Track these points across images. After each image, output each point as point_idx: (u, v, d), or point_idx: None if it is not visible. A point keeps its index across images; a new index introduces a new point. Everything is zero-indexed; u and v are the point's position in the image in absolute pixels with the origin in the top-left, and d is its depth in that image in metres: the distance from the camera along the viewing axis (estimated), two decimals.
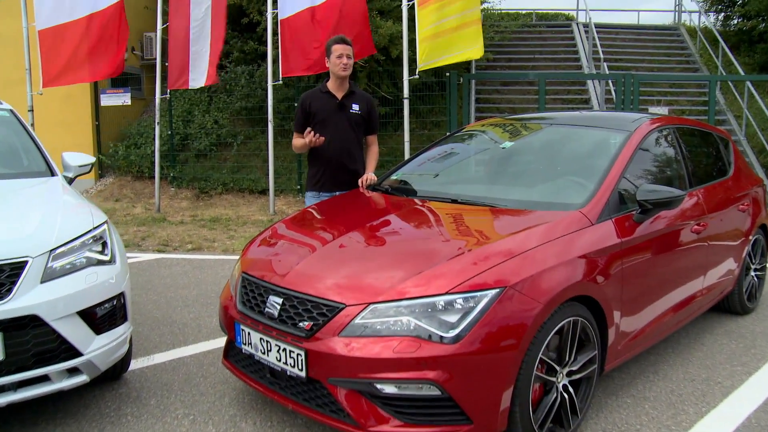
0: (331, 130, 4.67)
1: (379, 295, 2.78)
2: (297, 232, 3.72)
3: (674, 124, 4.54)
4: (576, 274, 3.02)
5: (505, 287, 2.75)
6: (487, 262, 2.86)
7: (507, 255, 2.90)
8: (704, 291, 4.33)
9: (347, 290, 2.87)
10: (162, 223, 10.06)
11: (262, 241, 3.72)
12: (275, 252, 3.50)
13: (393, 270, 2.94)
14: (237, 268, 3.56)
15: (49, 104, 12.64)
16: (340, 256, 3.19)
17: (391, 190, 4.15)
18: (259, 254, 3.54)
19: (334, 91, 4.74)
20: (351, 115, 4.73)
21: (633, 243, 3.43)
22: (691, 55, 15.92)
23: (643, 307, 3.59)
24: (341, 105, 4.72)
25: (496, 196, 3.73)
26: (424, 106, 12.76)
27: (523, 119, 4.91)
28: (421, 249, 3.15)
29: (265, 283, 3.18)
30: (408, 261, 3.00)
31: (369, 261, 3.11)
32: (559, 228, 3.17)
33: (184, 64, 10.87)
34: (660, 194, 3.44)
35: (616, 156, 3.69)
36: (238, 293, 3.36)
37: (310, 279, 3.02)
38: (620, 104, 10.97)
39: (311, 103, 4.70)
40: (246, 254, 3.62)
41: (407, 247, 3.26)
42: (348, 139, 4.72)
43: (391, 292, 2.78)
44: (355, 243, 3.33)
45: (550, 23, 18.15)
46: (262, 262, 3.42)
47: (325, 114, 4.68)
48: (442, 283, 2.76)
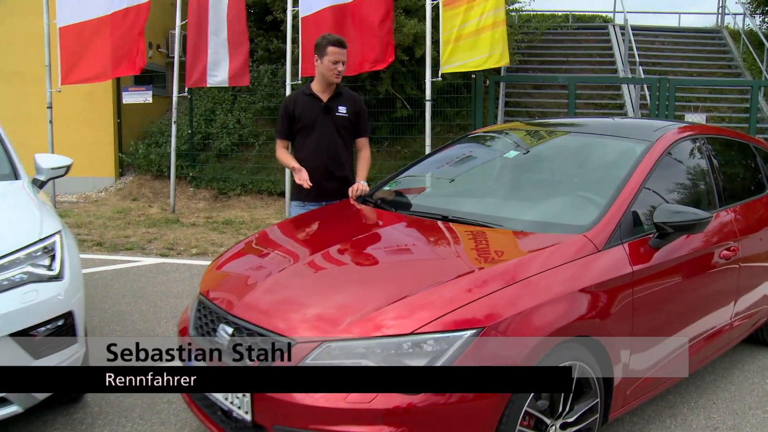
0: (316, 136, 4.29)
1: (335, 330, 2.38)
2: (267, 248, 3.33)
3: (705, 134, 4.04)
4: (574, 311, 2.57)
5: (483, 327, 2.32)
6: (465, 296, 2.43)
7: (490, 288, 2.47)
8: (734, 324, 3.82)
9: (301, 323, 2.48)
10: (173, 225, 9.80)
11: (231, 256, 3.34)
12: (238, 271, 3.12)
13: (358, 300, 2.54)
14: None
15: (72, 101, 12.53)
16: (305, 281, 2.79)
17: (380, 203, 3.73)
18: (221, 273, 3.17)
19: (319, 94, 4.35)
20: (338, 119, 4.34)
21: (648, 273, 2.96)
22: (733, 60, 15.15)
23: (658, 344, 3.11)
24: (327, 108, 4.33)
25: (491, 213, 3.27)
26: (451, 109, 12.30)
27: (536, 126, 4.45)
28: (393, 276, 2.74)
29: (217, 308, 2.80)
30: (376, 290, 2.59)
31: (334, 288, 2.72)
32: (556, 256, 2.72)
33: (203, 62, 10.60)
34: (681, 216, 2.96)
35: (633, 170, 3.21)
36: (193, 317, 2.98)
37: (264, 307, 2.64)
38: (655, 110, 10.37)
39: (295, 106, 4.33)
40: (209, 272, 3.24)
41: (378, 273, 2.85)
42: (335, 145, 4.33)
43: (350, 327, 2.38)
44: (325, 265, 2.93)
45: (586, 25, 17.51)
46: (221, 282, 3.04)
47: (309, 118, 4.30)
48: (409, 321, 2.34)
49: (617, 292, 2.77)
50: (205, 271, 3.31)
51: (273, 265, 3.01)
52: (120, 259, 7.46)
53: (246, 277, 2.98)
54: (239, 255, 3.32)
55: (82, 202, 12.34)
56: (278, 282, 2.78)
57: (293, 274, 2.84)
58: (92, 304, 5.57)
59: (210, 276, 3.16)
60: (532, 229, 3.01)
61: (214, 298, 2.88)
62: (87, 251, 7.91)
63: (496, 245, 2.95)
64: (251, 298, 2.70)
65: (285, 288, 2.74)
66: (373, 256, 3.04)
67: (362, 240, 3.18)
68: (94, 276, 6.59)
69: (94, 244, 8.27)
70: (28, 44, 12.40)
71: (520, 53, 14.43)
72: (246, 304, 2.68)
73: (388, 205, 3.64)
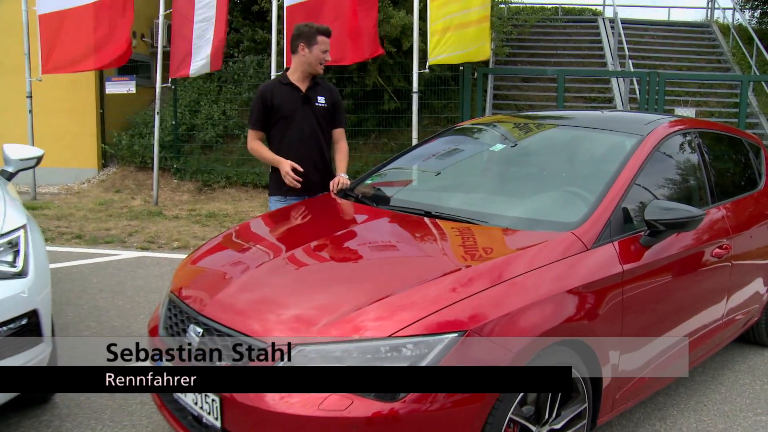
0: (297, 127, 4.14)
1: (309, 332, 2.24)
2: (243, 244, 3.19)
3: (697, 128, 3.92)
4: (562, 312, 2.45)
5: (465, 330, 2.19)
6: (448, 296, 2.30)
7: (474, 289, 2.34)
8: (726, 323, 3.72)
9: (275, 324, 2.34)
10: (156, 218, 9.61)
11: (206, 252, 3.19)
12: (211, 267, 2.98)
13: (335, 299, 2.40)
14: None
15: (54, 91, 12.30)
16: (280, 279, 2.65)
17: (362, 197, 3.58)
18: (195, 269, 3.02)
19: (298, 83, 4.19)
20: (317, 109, 4.20)
21: (639, 272, 2.84)
22: (722, 54, 15.09)
23: (648, 345, 2.99)
24: (306, 98, 4.18)
25: (476, 209, 3.14)
26: (439, 101, 12.16)
27: (524, 118, 4.32)
28: (373, 275, 2.61)
29: (187, 307, 2.65)
30: (355, 289, 2.46)
31: (311, 286, 2.58)
32: (543, 254, 2.59)
33: (187, 52, 10.38)
34: (674, 213, 2.84)
35: (623, 165, 3.09)
36: (163, 316, 2.84)
37: (236, 307, 2.50)
38: (644, 104, 10.28)
39: (273, 96, 4.16)
40: (182, 267, 3.10)
41: (357, 271, 2.71)
42: (316, 136, 4.19)
43: (326, 329, 2.24)
44: (302, 262, 2.79)
45: (575, 18, 17.40)
46: (193, 279, 2.90)
47: (289, 108, 4.14)
48: (389, 323, 2.21)
49: (607, 293, 2.65)
50: (178, 267, 3.16)
51: (248, 261, 2.87)
52: (99, 253, 7.28)
53: (219, 273, 2.85)
54: (214, 250, 3.17)
55: (64, 193, 12.12)
56: (252, 280, 2.64)
57: (268, 271, 2.70)
58: (68, 300, 5.42)
59: (182, 272, 3.02)
60: (519, 226, 2.88)
61: (186, 296, 2.73)
62: (66, 244, 7.73)
63: (481, 243, 2.82)
64: (223, 297, 2.56)
65: (259, 286, 2.60)
66: (353, 253, 2.90)
67: (342, 236, 3.05)
68: (71, 270, 6.42)
69: (74, 237, 8.08)
70: (7, 32, 12.14)
71: (509, 45, 14.30)
72: (217, 303, 2.54)
73: (370, 199, 3.50)
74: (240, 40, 13.23)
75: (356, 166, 11.18)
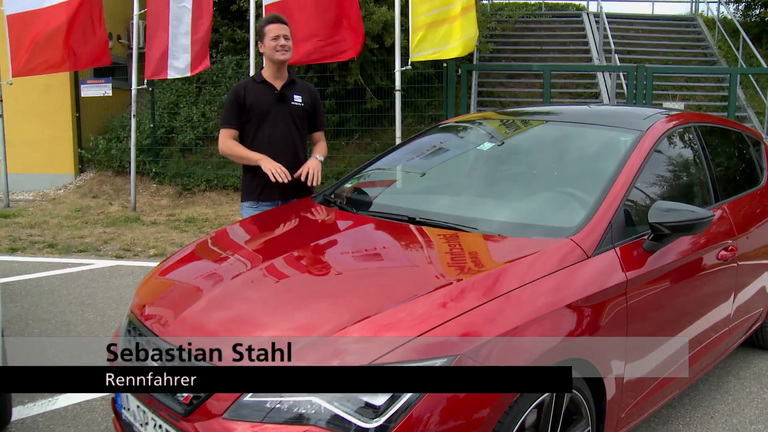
0: (270, 126, 3.88)
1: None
2: (210, 257, 2.92)
3: (697, 122, 3.68)
4: (562, 330, 2.20)
5: (456, 355, 1.93)
6: (435, 316, 2.04)
7: (463, 307, 2.08)
8: (733, 328, 3.49)
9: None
10: (133, 224, 9.30)
11: (172, 265, 2.92)
12: (175, 284, 2.70)
13: (314, 318, 2.14)
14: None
15: (27, 94, 11.98)
16: (248, 295, 2.38)
17: (341, 202, 3.31)
18: (158, 285, 2.74)
19: (272, 81, 3.94)
20: (293, 108, 3.94)
21: (643, 280, 2.59)
22: (708, 48, 14.95)
23: (655, 359, 2.75)
24: (281, 96, 3.92)
25: (464, 213, 2.87)
26: (422, 99, 11.91)
27: (512, 115, 4.07)
28: (353, 290, 2.34)
29: (146, 329, 2.38)
30: (335, 306, 2.20)
31: (279, 305, 2.31)
32: (539, 265, 2.33)
33: (163, 53, 10.05)
34: (680, 215, 2.59)
35: (623, 163, 2.84)
36: (120, 341, 2.56)
37: (199, 329, 2.23)
38: (632, 98, 10.08)
39: (246, 94, 3.89)
40: (145, 283, 2.83)
41: (337, 286, 2.44)
42: (291, 137, 3.93)
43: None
44: (272, 277, 2.52)
45: (559, 12, 17.22)
46: (155, 297, 2.62)
47: (263, 107, 3.88)
48: (371, 346, 1.95)
49: (609, 304, 2.40)
50: (142, 281, 2.89)
51: (213, 276, 2.60)
52: (71, 262, 6.98)
53: (184, 290, 2.57)
54: (181, 263, 2.90)
55: (39, 200, 11.77)
56: (224, 295, 2.37)
57: (233, 289, 2.43)
58: (35, 314, 5.13)
59: (145, 290, 2.74)
60: (511, 232, 2.62)
61: (147, 315, 2.47)
62: (37, 254, 7.42)
63: (471, 253, 2.56)
64: (188, 317, 2.29)
65: (231, 302, 2.33)
66: (333, 265, 2.63)
67: (320, 247, 2.78)
68: (40, 282, 6.12)
69: (46, 246, 7.77)
70: None
71: (493, 42, 14.08)
72: (180, 324, 2.28)
73: (350, 205, 3.23)
74: (219, 41, 12.93)
75: (339, 167, 10.92)
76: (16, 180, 12.06)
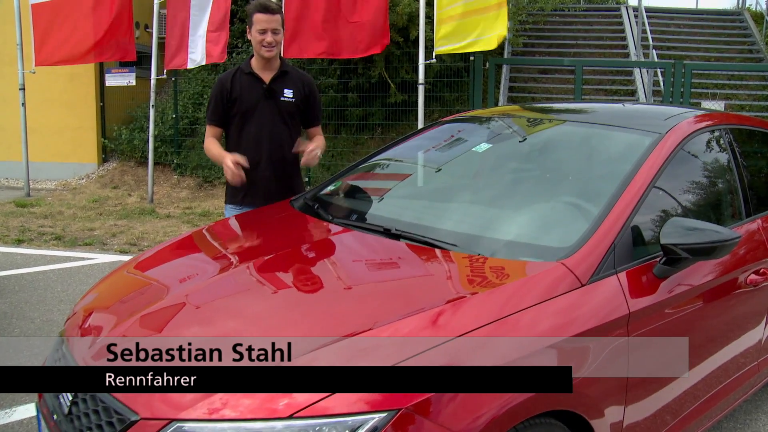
0: (255, 124, 3.53)
1: (192, 405, 1.65)
2: (157, 269, 2.60)
3: (729, 124, 3.24)
4: None
5: (399, 409, 1.58)
6: (375, 356, 1.68)
7: (415, 348, 1.71)
8: (762, 363, 3.06)
9: (141, 397, 1.75)
10: (147, 216, 9.12)
11: (118, 277, 2.62)
12: (111, 299, 2.39)
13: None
14: None
15: (53, 83, 11.94)
16: (180, 320, 2.05)
17: (317, 208, 2.94)
18: (97, 300, 2.44)
19: (260, 72, 3.57)
20: (282, 104, 3.57)
21: (650, 313, 2.20)
22: (754, 44, 14.20)
23: (662, 409, 2.35)
24: (269, 91, 3.56)
25: (446, 227, 2.50)
26: (450, 94, 11.48)
27: (528, 111, 3.67)
28: (283, 322, 1.97)
29: (68, 353, 2.08)
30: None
31: (210, 329, 1.97)
32: (517, 296, 1.95)
33: (182, 42, 9.85)
34: (699, 236, 2.18)
35: (634, 171, 2.43)
36: (49, 359, 2.27)
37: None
38: (669, 97, 9.53)
39: (232, 86, 3.55)
40: (83, 298, 2.53)
41: (273, 316, 2.07)
42: (279, 136, 3.56)
43: (212, 400, 1.65)
44: (207, 299, 2.18)
45: (597, 6, 16.57)
46: (87, 315, 2.31)
47: (248, 102, 3.53)
48: (293, 396, 1.61)
49: (606, 344, 2.01)
50: (83, 297, 2.59)
51: (149, 295, 2.29)
52: (74, 256, 6.79)
53: (114, 310, 2.26)
54: (129, 272, 2.60)
55: (60, 189, 11.70)
56: (142, 323, 2.05)
57: (162, 313, 2.11)
58: (21, 312, 4.91)
59: (83, 305, 2.44)
60: (496, 252, 2.24)
61: (71, 337, 2.16)
62: (42, 246, 7.26)
63: (438, 279, 2.18)
64: (101, 346, 1.97)
65: (152, 327, 2.01)
66: (273, 287, 2.27)
67: (266, 265, 2.41)
68: (36, 277, 5.92)
69: (53, 238, 7.60)
70: (5, 22, 11.71)
71: (526, 35, 13.59)
72: (97, 353, 1.96)
73: (326, 211, 2.87)
74: (245, 30, 12.67)
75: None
76: (42, 168, 12.03)
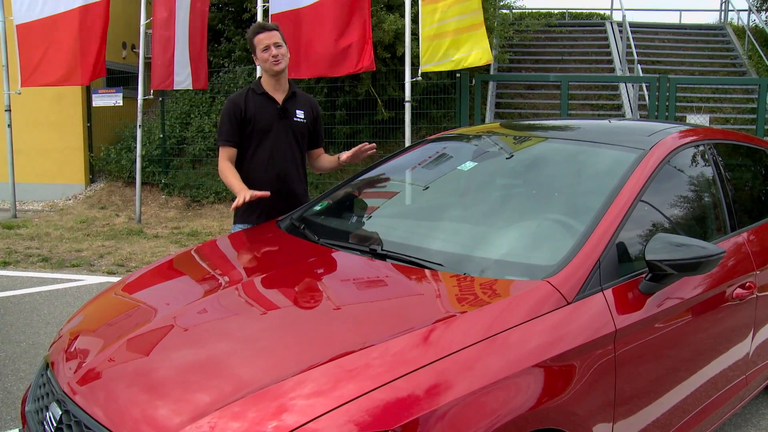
0: (271, 144, 3.58)
1: (177, 428, 1.63)
2: (144, 291, 2.59)
3: (712, 139, 3.27)
4: (529, 396, 1.81)
5: (386, 431, 1.56)
6: (360, 383, 1.67)
7: (400, 369, 1.71)
8: (750, 377, 3.07)
9: (127, 423, 1.72)
10: (135, 237, 9.06)
11: (105, 299, 2.60)
12: (98, 322, 2.37)
13: (197, 390, 1.76)
14: None
15: (39, 103, 11.90)
16: (168, 343, 2.04)
17: (303, 228, 2.93)
18: (83, 322, 2.42)
19: (272, 92, 3.63)
20: (296, 125, 3.65)
21: (636, 330, 2.20)
22: (737, 58, 14.39)
23: (648, 423, 2.35)
24: (284, 111, 3.62)
25: (432, 246, 2.50)
26: (437, 110, 11.54)
27: (511, 129, 3.69)
28: (276, 342, 1.97)
29: (53, 378, 2.06)
30: (236, 368, 1.82)
31: (180, 367, 1.91)
32: (503, 315, 1.95)
33: (169, 63, 9.86)
34: (684, 252, 2.18)
35: (618, 189, 2.45)
36: (33, 383, 2.25)
37: (99, 387, 1.89)
38: (654, 111, 9.62)
39: (246, 106, 3.58)
40: (70, 321, 2.50)
41: (262, 337, 2.04)
42: (291, 156, 3.65)
43: (197, 424, 1.63)
44: (195, 321, 2.16)
45: (582, 22, 16.75)
46: (73, 339, 2.29)
47: (264, 122, 3.58)
48: (269, 425, 1.59)
49: (594, 361, 2.02)
50: (69, 319, 2.57)
51: (136, 318, 2.27)
52: (61, 278, 6.73)
53: (103, 333, 2.23)
54: (123, 292, 2.58)
55: (47, 210, 11.63)
56: (126, 348, 2.03)
57: (147, 338, 2.08)
58: (6, 336, 4.86)
59: (69, 328, 2.42)
60: (482, 271, 2.24)
61: (56, 363, 2.14)
62: (29, 268, 7.20)
63: (423, 299, 2.17)
64: (93, 369, 1.95)
65: (130, 360, 1.99)
66: (261, 312, 2.23)
67: (254, 285, 2.40)
68: (22, 299, 5.86)
69: (40, 260, 7.54)
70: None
71: (512, 52, 13.70)
72: (82, 378, 1.94)
73: (312, 231, 2.86)
74: (232, 50, 12.72)
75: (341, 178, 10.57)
76: (28, 189, 11.97)
